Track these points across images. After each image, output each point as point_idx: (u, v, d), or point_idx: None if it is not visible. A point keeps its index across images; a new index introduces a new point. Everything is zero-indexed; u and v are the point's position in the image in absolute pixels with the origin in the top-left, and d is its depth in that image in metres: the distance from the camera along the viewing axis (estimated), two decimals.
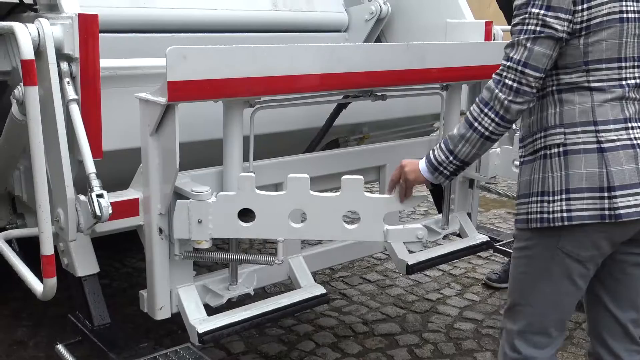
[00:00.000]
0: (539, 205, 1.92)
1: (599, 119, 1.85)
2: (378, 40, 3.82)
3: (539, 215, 1.91)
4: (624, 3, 1.83)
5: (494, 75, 1.88)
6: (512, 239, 3.25)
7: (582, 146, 1.85)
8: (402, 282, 4.21)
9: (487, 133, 1.92)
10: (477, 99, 1.93)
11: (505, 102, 1.84)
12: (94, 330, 2.31)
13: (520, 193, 1.99)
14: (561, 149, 1.88)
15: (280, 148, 2.77)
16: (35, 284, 2.22)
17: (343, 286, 4.11)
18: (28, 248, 2.71)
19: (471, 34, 3.18)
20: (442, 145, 2.03)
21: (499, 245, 3.19)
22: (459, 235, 3.31)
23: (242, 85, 2.10)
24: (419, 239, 1.88)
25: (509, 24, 4.01)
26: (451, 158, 2.01)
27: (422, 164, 2.07)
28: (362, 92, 2.68)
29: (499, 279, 4.16)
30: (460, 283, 4.23)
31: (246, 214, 2.16)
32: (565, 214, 1.86)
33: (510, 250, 3.14)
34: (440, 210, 3.35)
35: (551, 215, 1.88)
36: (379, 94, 2.73)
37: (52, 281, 2.07)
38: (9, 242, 2.70)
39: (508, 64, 1.84)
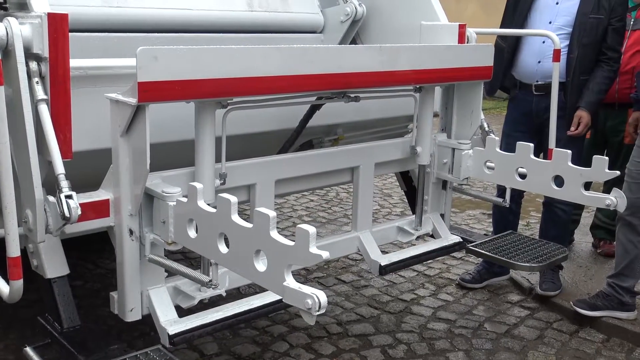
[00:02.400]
0: None
1: None
2: (353, 41, 3.83)
3: None
4: None
5: None
6: (485, 240, 3.29)
7: None
8: (376, 283, 4.23)
9: None
10: None
11: None
12: (64, 332, 2.28)
13: None
14: None
15: (253, 149, 2.76)
16: (2, 286, 2.18)
17: (318, 287, 4.09)
18: None
19: (445, 36, 3.19)
20: None
21: (471, 246, 3.20)
22: (432, 236, 3.33)
23: (214, 86, 2.09)
24: (307, 308, 1.65)
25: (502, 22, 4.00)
26: None
27: None
28: (335, 93, 2.68)
29: (473, 280, 4.20)
30: (435, 283, 4.26)
31: None
32: None
33: (483, 252, 3.17)
34: (414, 212, 3.37)
35: None
36: (352, 95, 2.74)
37: (19, 283, 2.04)
38: None
39: None
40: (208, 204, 1.97)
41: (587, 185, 2.94)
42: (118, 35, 3.08)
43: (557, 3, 3.80)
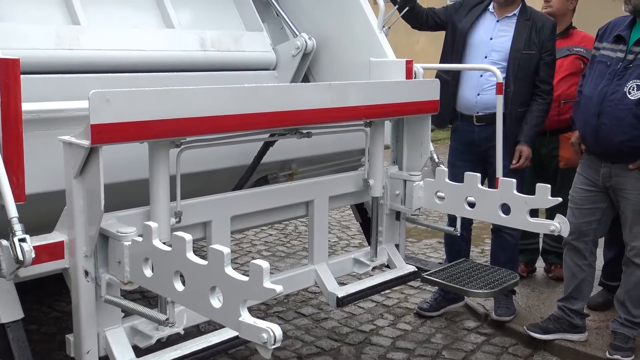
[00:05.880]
0: None
1: None
2: (305, 77, 3.92)
3: None
4: None
5: None
6: (439, 269, 3.37)
7: None
8: (336, 315, 4.26)
9: None
10: None
11: None
12: None
13: None
14: None
15: (208, 186, 2.79)
16: None
17: (278, 321, 4.12)
18: None
19: (393, 71, 3.31)
20: None
21: (426, 275, 3.27)
22: (388, 267, 3.39)
23: (166, 126, 2.13)
24: (263, 342, 1.68)
25: (442, 57, 4.14)
26: None
27: None
28: (287, 130, 2.75)
29: (430, 308, 4.27)
30: (393, 313, 4.32)
31: None
32: None
33: (438, 280, 3.24)
34: (370, 243, 3.43)
35: None
36: (304, 131, 2.81)
37: None
38: None
39: None
40: (164, 243, 2.00)
41: (534, 212, 3.05)
42: (71, 77, 3.09)
43: (490, 39, 3.98)
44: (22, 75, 2.07)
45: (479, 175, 3.02)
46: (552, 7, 4.41)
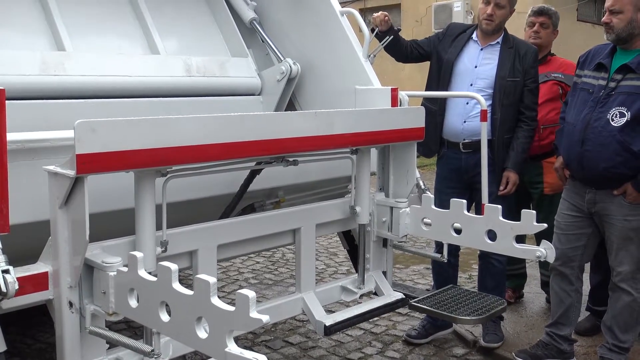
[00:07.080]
0: None
1: None
2: (291, 102, 3.94)
3: None
4: None
5: None
6: (427, 295, 3.36)
7: None
8: (324, 343, 4.22)
9: None
10: None
11: None
12: None
13: None
14: None
15: (195, 215, 2.79)
16: None
17: (266, 350, 4.08)
18: None
19: (378, 99, 3.34)
20: None
21: (413, 302, 3.26)
22: (375, 294, 3.38)
23: (152, 156, 2.13)
24: None
25: (428, 86, 4.18)
26: None
27: None
28: (273, 158, 2.75)
29: (419, 335, 4.24)
30: (381, 341, 4.29)
31: None
32: None
33: (425, 307, 3.23)
34: (357, 270, 3.42)
35: None
36: (291, 159, 2.81)
37: None
38: None
39: None
40: (150, 273, 1.98)
41: (522, 238, 3.06)
42: (57, 102, 3.09)
43: (475, 67, 4.03)
44: (7, 101, 2.06)
45: (464, 201, 3.03)
46: (540, 39, 4.51)
